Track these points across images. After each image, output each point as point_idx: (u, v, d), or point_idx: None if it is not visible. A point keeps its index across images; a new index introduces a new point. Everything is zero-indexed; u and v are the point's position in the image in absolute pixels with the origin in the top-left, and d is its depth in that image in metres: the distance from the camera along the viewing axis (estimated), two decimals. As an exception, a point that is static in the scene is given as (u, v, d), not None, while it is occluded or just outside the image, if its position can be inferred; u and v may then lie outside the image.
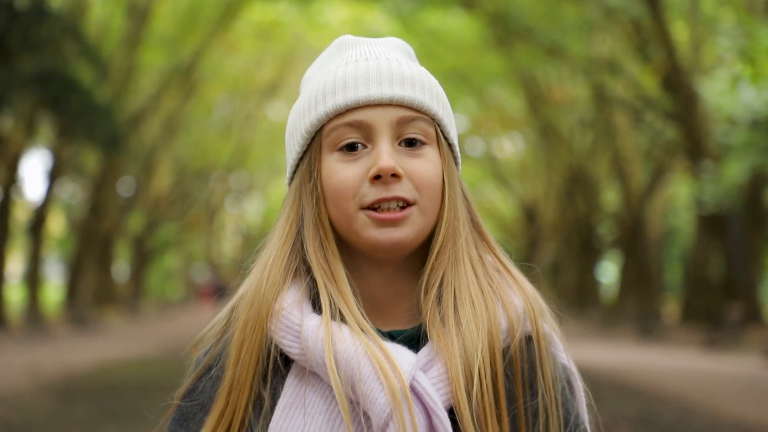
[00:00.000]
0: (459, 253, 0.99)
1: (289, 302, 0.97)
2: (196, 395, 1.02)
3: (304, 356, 0.94)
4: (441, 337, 0.95)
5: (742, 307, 18.00)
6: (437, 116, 1.01)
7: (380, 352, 0.92)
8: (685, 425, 7.39)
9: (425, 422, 0.91)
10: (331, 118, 0.99)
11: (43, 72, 15.73)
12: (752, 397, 9.27)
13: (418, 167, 0.97)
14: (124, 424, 7.23)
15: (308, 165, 1.00)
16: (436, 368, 0.94)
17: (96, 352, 14.34)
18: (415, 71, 1.01)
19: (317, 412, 0.94)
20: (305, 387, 0.95)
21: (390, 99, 0.97)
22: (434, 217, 0.99)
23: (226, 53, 29.48)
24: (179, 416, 1.04)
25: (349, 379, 0.91)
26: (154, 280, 46.47)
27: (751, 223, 19.35)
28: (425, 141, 1.00)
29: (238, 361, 0.97)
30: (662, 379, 10.96)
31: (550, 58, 20.27)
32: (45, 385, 9.82)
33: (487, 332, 0.95)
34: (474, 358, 0.93)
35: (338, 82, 0.99)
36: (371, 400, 0.90)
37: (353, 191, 0.96)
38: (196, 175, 36.73)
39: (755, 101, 11.53)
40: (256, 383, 0.97)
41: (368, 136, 0.98)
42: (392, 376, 0.90)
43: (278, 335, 0.96)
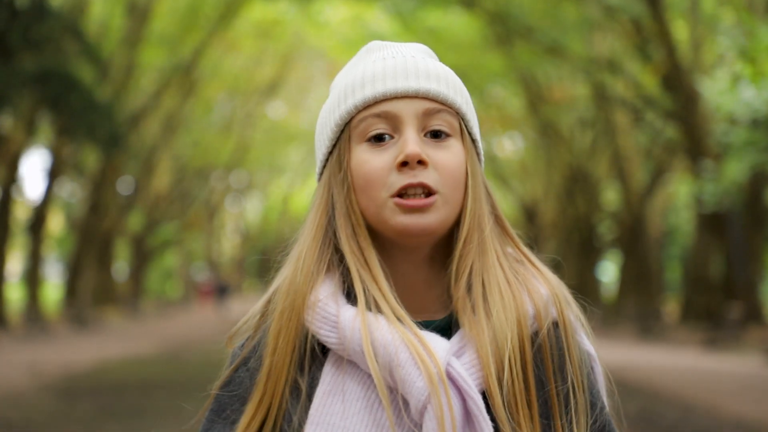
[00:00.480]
0: (486, 244, 1.02)
1: (324, 295, 1.00)
2: (233, 386, 1.04)
3: (341, 345, 0.97)
4: (473, 326, 0.98)
5: (742, 307, 18.00)
6: (461, 110, 1.05)
7: (416, 339, 0.96)
8: (686, 424, 7.40)
9: (460, 405, 0.95)
10: (360, 110, 1.02)
11: (44, 71, 15.72)
12: (752, 396, 9.28)
13: (443, 158, 1.01)
14: (126, 422, 7.23)
15: (338, 156, 1.04)
16: (467, 354, 0.98)
17: (96, 351, 14.34)
18: (440, 68, 1.06)
19: (356, 398, 0.97)
20: (343, 375, 0.98)
21: (416, 91, 1.01)
22: (458, 207, 1.02)
23: (226, 52, 29.47)
24: (217, 407, 1.05)
25: (387, 366, 0.95)
26: (154, 279, 46.49)
27: (752, 222, 19.35)
28: (450, 133, 1.03)
29: (275, 349, 0.99)
30: (662, 377, 10.96)
31: (550, 57, 20.27)
32: (46, 384, 9.82)
33: (516, 321, 0.99)
34: (504, 346, 0.96)
35: (367, 77, 1.03)
36: (409, 384, 0.94)
37: (382, 180, 0.99)
38: (196, 174, 36.73)
39: (755, 100, 11.53)
40: (293, 371, 1.00)
41: (395, 127, 1.01)
42: (429, 361, 0.94)
43: (315, 326, 0.99)
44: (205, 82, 29.55)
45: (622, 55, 22.26)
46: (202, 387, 5.06)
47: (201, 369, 11.53)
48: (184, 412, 5.21)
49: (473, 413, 0.94)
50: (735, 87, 12.17)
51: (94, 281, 26.78)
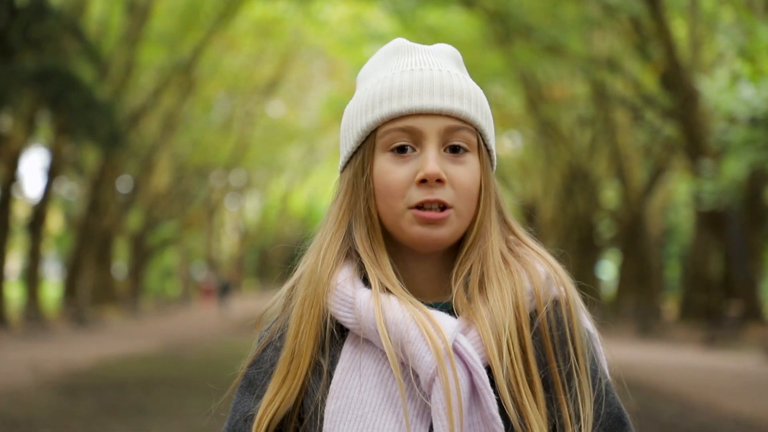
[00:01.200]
0: (488, 249, 1.10)
1: (342, 279, 1.09)
2: (261, 364, 1.13)
3: (357, 325, 1.06)
4: (475, 308, 1.07)
5: (741, 305, 18.03)
6: (480, 127, 1.12)
7: (425, 317, 1.04)
8: (685, 420, 7.43)
9: (467, 379, 1.02)
10: (386, 121, 1.09)
11: (43, 70, 15.73)
12: (751, 393, 9.32)
13: (460, 175, 1.08)
14: (128, 419, 7.26)
15: (362, 161, 1.11)
16: (474, 331, 1.05)
17: (97, 349, 14.37)
18: (464, 84, 1.12)
19: (371, 373, 1.06)
20: (360, 353, 1.07)
21: (440, 110, 1.08)
22: (469, 218, 1.10)
23: (226, 51, 29.49)
24: (246, 383, 1.14)
25: (399, 342, 1.03)
26: (154, 278, 46.49)
27: (751, 220, 19.37)
28: (468, 149, 1.10)
29: (298, 333, 1.08)
30: (662, 374, 11.00)
31: (550, 56, 20.28)
32: (47, 382, 9.85)
33: (513, 307, 1.06)
34: (502, 332, 1.04)
35: (394, 90, 1.09)
36: (419, 359, 1.02)
37: (402, 191, 1.07)
38: (195, 173, 36.74)
39: (754, 98, 11.55)
40: (315, 352, 1.08)
41: (417, 141, 1.08)
42: (437, 337, 1.02)
43: (334, 308, 1.08)
44: (205, 81, 29.56)
45: (621, 54, 22.29)
46: (202, 384, 5.23)
47: (201, 367, 11.56)
48: (185, 408, 5.38)
49: (479, 387, 1.02)
50: (734, 86, 12.20)
51: (94, 280, 26.79)
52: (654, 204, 27.10)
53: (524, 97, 27.11)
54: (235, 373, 1.16)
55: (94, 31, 21.62)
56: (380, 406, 1.05)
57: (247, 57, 31.29)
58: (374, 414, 1.04)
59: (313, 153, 45.47)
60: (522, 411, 1.03)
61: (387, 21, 27.44)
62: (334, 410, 1.06)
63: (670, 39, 17.62)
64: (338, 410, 1.05)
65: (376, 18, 28.69)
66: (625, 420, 1.14)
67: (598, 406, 1.09)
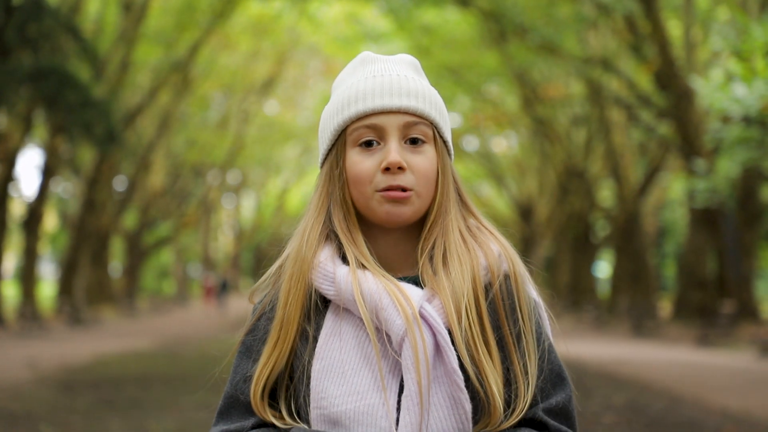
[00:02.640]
0: (449, 225, 1.29)
1: (324, 258, 1.28)
2: (256, 332, 1.31)
3: (338, 296, 1.25)
4: (434, 283, 1.25)
5: (735, 303, 18.13)
6: (435, 121, 1.30)
7: (395, 288, 1.22)
8: (673, 413, 7.55)
9: (432, 339, 1.20)
10: (354, 120, 1.28)
11: (40, 68, 15.79)
12: (741, 388, 9.44)
13: (419, 162, 1.27)
14: (125, 413, 7.36)
15: (336, 155, 1.30)
16: (437, 300, 1.24)
17: (93, 346, 14.46)
18: (419, 86, 1.30)
19: (350, 337, 1.24)
20: (340, 320, 1.25)
21: (399, 108, 1.27)
22: (429, 199, 1.29)
23: (222, 49, 29.54)
24: (244, 349, 1.32)
25: (374, 309, 1.21)
26: (149, 276, 46.48)
27: (745, 219, 19.49)
28: (425, 140, 1.29)
29: (287, 303, 1.27)
30: (652, 371, 11.12)
31: (545, 55, 20.38)
32: (45, 377, 9.95)
33: (471, 278, 1.24)
34: (461, 300, 1.22)
35: (359, 93, 1.28)
36: (391, 323, 1.20)
37: (370, 178, 1.26)
38: (191, 172, 36.79)
39: (747, 97, 11.63)
40: (302, 320, 1.27)
41: (381, 135, 1.27)
42: (405, 305, 1.20)
43: (317, 282, 1.27)
44: (201, 80, 29.62)
45: (616, 54, 22.40)
46: (198, 380, 5.40)
47: (197, 363, 11.66)
48: (182, 403, 5.55)
49: (441, 345, 1.20)
50: (728, 85, 12.29)
51: (89, 279, 26.85)
52: (649, 203, 27.22)
53: (519, 96, 27.22)
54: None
55: (90, 30, 21.68)
56: (358, 365, 1.22)
57: (243, 56, 31.35)
58: (353, 371, 1.22)
59: (308, 152, 45.55)
60: (479, 366, 1.20)
61: (382, 20, 27.53)
62: (319, 369, 1.23)
63: (665, 38, 17.72)
64: (323, 369, 1.23)
65: (372, 16, 28.80)
66: (564, 375, 1.28)
67: (542, 363, 1.26)
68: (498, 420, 1.21)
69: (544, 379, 1.26)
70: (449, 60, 26.19)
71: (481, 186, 42.54)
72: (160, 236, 36.61)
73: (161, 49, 25.97)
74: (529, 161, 35.28)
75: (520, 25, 19.26)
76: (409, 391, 1.18)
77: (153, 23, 25.16)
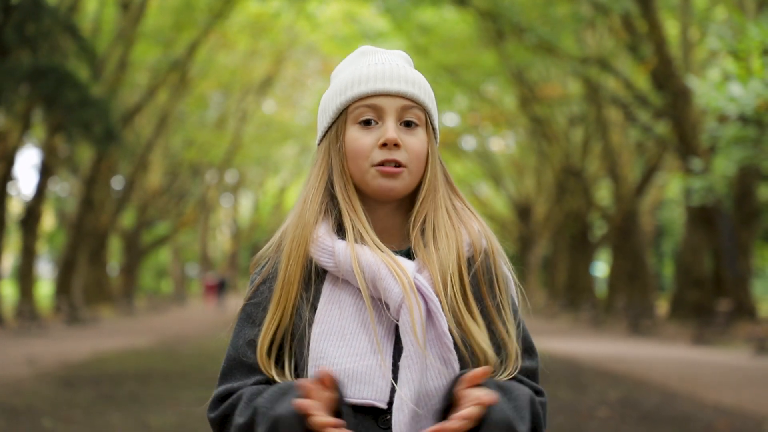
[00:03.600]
0: (438, 202, 1.43)
1: (322, 232, 1.39)
2: (257, 298, 1.41)
3: (336, 268, 1.36)
4: (425, 255, 1.38)
5: (731, 302, 18.20)
6: (427, 107, 1.44)
7: (391, 260, 1.34)
8: (666, 408, 7.65)
9: (424, 306, 1.33)
10: (356, 100, 1.41)
11: (39, 67, 15.85)
12: (735, 384, 9.53)
13: (412, 142, 1.40)
14: (125, 408, 7.45)
15: (336, 132, 1.43)
16: (426, 271, 1.37)
17: (92, 344, 14.52)
18: (416, 75, 1.44)
19: (349, 305, 1.36)
20: (339, 290, 1.37)
21: (397, 92, 1.40)
22: (418, 177, 1.42)
23: (220, 48, 29.60)
24: (245, 315, 1.42)
25: (372, 280, 1.33)
26: (147, 276, 46.50)
27: (742, 218, 19.57)
28: (418, 124, 1.42)
29: (288, 265, 1.38)
30: (647, 368, 11.21)
31: (542, 54, 20.46)
32: (44, 374, 10.02)
33: (456, 253, 1.38)
34: (447, 272, 1.36)
35: (362, 77, 1.42)
36: (389, 291, 1.32)
37: (367, 153, 1.39)
38: (190, 171, 36.83)
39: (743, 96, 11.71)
40: (301, 285, 1.37)
41: (380, 115, 1.40)
42: (402, 275, 1.32)
43: (317, 255, 1.38)
44: (199, 79, 29.67)
45: (613, 53, 22.49)
46: (197, 376, 5.56)
47: (196, 360, 11.75)
48: (181, 399, 5.69)
49: (433, 311, 1.33)
50: (724, 84, 12.36)
51: (87, 278, 26.90)
52: (647, 202, 27.31)
53: (517, 95, 27.30)
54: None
55: (88, 29, 21.73)
56: (356, 330, 1.34)
57: (242, 55, 31.41)
58: (352, 336, 1.34)
59: (306, 152, 45.61)
60: (465, 330, 1.33)
61: (380, 19, 27.61)
62: (319, 332, 1.34)
63: (662, 38, 17.81)
64: (323, 332, 1.34)
65: (370, 16, 28.88)
66: (534, 349, 1.44)
67: (517, 333, 1.40)
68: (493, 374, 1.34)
69: (520, 347, 1.40)
70: (447, 59, 26.28)
71: (479, 186, 42.62)
72: (157, 235, 36.67)
73: (159, 48, 26.03)
74: (527, 161, 35.38)
75: (518, 24, 19.33)
76: (408, 351, 1.30)
77: (151, 22, 25.22)
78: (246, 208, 55.84)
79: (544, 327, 21.69)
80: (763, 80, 11.26)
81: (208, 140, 34.10)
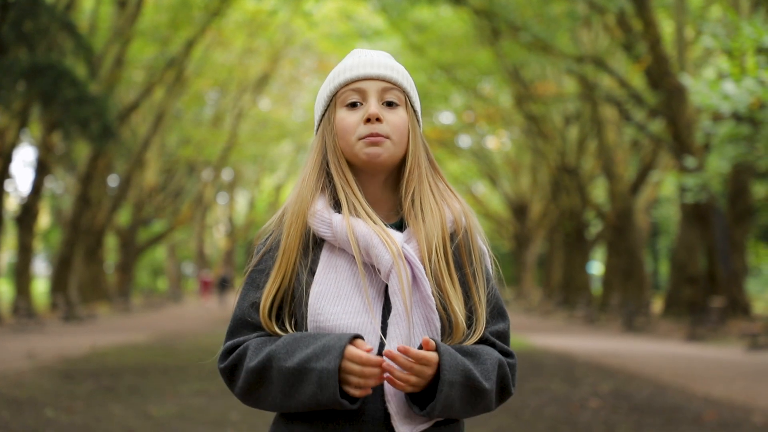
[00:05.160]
0: (422, 176, 1.61)
1: (320, 207, 1.57)
2: (261, 266, 1.58)
3: (333, 238, 1.54)
4: (414, 226, 1.57)
5: (725, 299, 18.33)
6: (406, 90, 1.63)
7: (382, 231, 1.53)
8: (656, 400, 7.78)
9: (410, 272, 1.51)
10: (342, 86, 1.60)
11: (36, 65, 15.92)
12: (726, 378, 9.66)
13: (393, 117, 1.59)
14: (126, 399, 7.56)
15: (328, 116, 1.62)
16: (413, 242, 1.55)
17: (90, 340, 14.60)
18: (394, 63, 1.64)
19: (344, 269, 1.53)
20: (336, 257, 1.54)
21: (378, 76, 1.60)
22: (402, 149, 1.59)
23: (217, 46, 29.66)
24: (250, 280, 1.59)
25: (365, 248, 1.51)
26: (143, 274, 46.52)
27: (736, 216, 19.71)
28: (398, 103, 1.60)
29: (289, 234, 1.56)
30: (639, 362, 11.35)
31: (538, 53, 20.56)
32: (44, 367, 10.12)
33: (440, 227, 1.57)
34: (432, 238, 1.55)
35: (347, 67, 1.62)
36: (380, 258, 1.50)
37: (354, 129, 1.57)
38: (186, 169, 36.88)
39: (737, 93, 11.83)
40: (300, 252, 1.55)
41: (364, 97, 1.59)
42: (392, 244, 1.50)
43: (315, 226, 1.56)
44: (195, 77, 29.74)
45: (608, 52, 22.61)
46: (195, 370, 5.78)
47: (194, 356, 11.86)
48: (179, 390, 5.88)
49: (418, 277, 1.52)
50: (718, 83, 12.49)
51: (84, 275, 26.97)
52: (642, 200, 27.44)
53: (513, 94, 27.41)
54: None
55: (84, 26, 21.80)
56: (350, 291, 1.52)
57: (238, 53, 31.49)
58: (346, 296, 1.51)
59: (302, 150, 45.70)
60: (444, 294, 1.52)
61: (376, 17, 27.70)
62: (317, 292, 1.52)
63: (656, 36, 17.93)
64: (320, 292, 1.52)
65: (366, 14, 28.97)
66: (504, 309, 1.62)
67: (490, 297, 1.60)
68: (461, 337, 1.53)
69: (491, 311, 1.60)
70: (442, 58, 26.39)
71: (475, 184, 42.74)
72: (153, 233, 36.72)
73: (156, 46, 26.10)
74: (523, 159, 35.51)
75: (513, 23, 19.45)
76: (396, 310, 1.49)
77: (147, 20, 25.29)
78: (242, 206, 55.89)
79: (539, 325, 21.82)
80: (757, 78, 11.40)
81: (204, 138, 34.16)
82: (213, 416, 6.68)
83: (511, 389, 1.57)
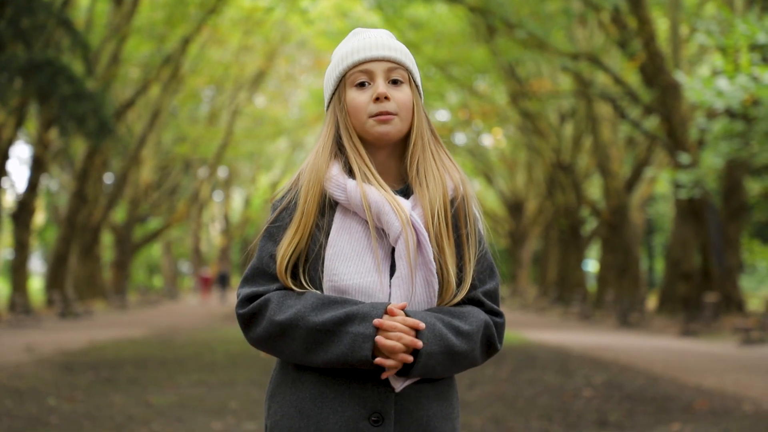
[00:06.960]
0: (425, 147, 1.77)
1: (336, 172, 1.72)
2: (278, 222, 1.72)
3: (347, 202, 1.69)
4: (419, 193, 1.73)
5: (719, 295, 18.44)
6: (410, 68, 1.78)
7: (392, 198, 1.68)
8: (648, 390, 7.90)
9: (415, 237, 1.66)
10: (351, 68, 1.74)
11: (33, 61, 15.96)
12: (717, 369, 9.78)
13: (399, 95, 1.74)
14: (126, 389, 7.65)
15: (339, 95, 1.76)
16: (418, 209, 1.71)
17: (87, 335, 14.68)
18: (397, 44, 1.79)
19: (357, 231, 1.68)
20: (349, 220, 1.69)
21: (383, 57, 1.74)
22: (408, 124, 1.75)
23: (213, 44, 29.70)
24: (268, 234, 1.73)
25: (377, 213, 1.66)
26: (139, 271, 46.52)
27: (730, 212, 19.83)
28: (403, 81, 1.75)
29: (306, 199, 1.70)
30: (633, 355, 11.47)
31: (533, 50, 20.66)
32: (44, 360, 10.20)
33: (442, 193, 1.73)
34: (435, 204, 1.71)
35: (355, 49, 1.76)
36: (390, 224, 1.66)
37: (364, 107, 1.72)
38: (182, 166, 36.91)
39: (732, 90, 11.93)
40: (317, 214, 1.70)
41: (371, 78, 1.73)
42: (401, 211, 1.66)
43: (331, 190, 1.70)
44: (191, 74, 29.77)
45: (603, 49, 22.71)
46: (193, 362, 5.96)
47: (192, 349, 11.95)
48: (178, 382, 6.04)
49: (422, 242, 1.68)
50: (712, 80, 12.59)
51: (80, 272, 27.01)
52: (637, 197, 27.56)
53: (508, 91, 27.50)
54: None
55: (81, 24, 21.84)
56: (362, 253, 1.67)
57: (234, 50, 31.53)
58: (358, 257, 1.67)
59: (298, 147, 45.77)
60: (442, 255, 1.69)
61: (372, 15, 27.76)
62: (332, 254, 1.67)
63: (651, 34, 18.03)
64: (335, 254, 1.67)
65: (362, 11, 29.03)
66: (495, 269, 1.77)
67: (481, 257, 1.76)
68: (451, 295, 1.69)
69: (482, 271, 1.75)
70: (438, 55, 26.47)
71: (471, 182, 42.81)
72: (149, 230, 36.74)
73: (152, 43, 26.14)
74: (518, 156, 35.63)
75: (508, 20, 19.53)
76: (400, 272, 1.65)
77: (144, 17, 25.33)
78: (238, 204, 55.93)
79: (534, 321, 21.94)
80: (750, 75, 11.51)
81: (200, 135, 34.18)
82: (212, 405, 6.78)
83: (498, 346, 1.73)
